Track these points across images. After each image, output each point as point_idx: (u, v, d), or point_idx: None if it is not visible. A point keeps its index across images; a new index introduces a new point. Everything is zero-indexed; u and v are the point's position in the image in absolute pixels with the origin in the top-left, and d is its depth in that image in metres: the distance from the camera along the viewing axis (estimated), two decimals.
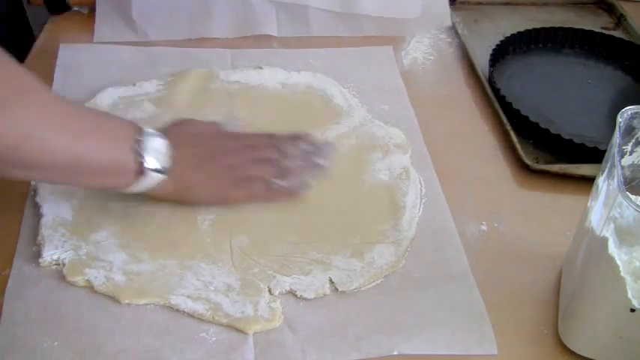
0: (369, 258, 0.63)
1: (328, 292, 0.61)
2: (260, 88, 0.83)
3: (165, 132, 0.63)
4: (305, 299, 0.60)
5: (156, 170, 0.60)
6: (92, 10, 0.94)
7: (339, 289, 0.61)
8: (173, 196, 0.64)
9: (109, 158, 0.58)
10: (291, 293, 0.60)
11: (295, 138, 0.69)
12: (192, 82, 0.82)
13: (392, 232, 0.66)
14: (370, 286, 0.62)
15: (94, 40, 0.90)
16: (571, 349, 0.58)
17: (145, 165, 0.59)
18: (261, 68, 0.86)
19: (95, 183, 0.61)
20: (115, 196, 0.67)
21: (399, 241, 0.65)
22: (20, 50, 0.91)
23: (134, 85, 0.82)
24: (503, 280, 0.64)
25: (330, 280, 0.61)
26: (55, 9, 0.95)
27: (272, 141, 0.68)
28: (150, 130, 0.61)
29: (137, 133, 0.59)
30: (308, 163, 0.68)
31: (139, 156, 0.58)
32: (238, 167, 0.66)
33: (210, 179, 0.64)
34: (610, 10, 1.08)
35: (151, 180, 0.60)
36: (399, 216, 0.68)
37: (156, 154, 0.60)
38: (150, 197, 0.63)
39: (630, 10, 1.06)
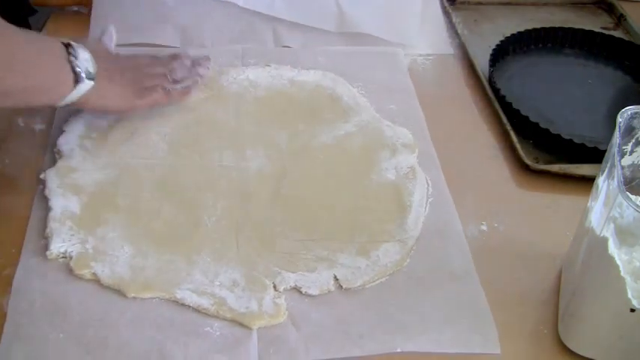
0: (374, 256, 0.63)
1: (333, 289, 0.61)
2: (269, 85, 0.84)
3: None
4: (309, 296, 0.60)
5: (88, 77, 0.67)
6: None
7: (344, 287, 0.61)
8: (89, 105, 0.71)
9: (53, 75, 0.66)
10: (296, 289, 0.61)
11: (175, 56, 0.80)
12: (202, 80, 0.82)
13: (398, 231, 0.66)
14: (375, 284, 0.62)
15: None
16: (571, 349, 0.58)
17: (81, 73, 0.67)
18: (269, 66, 0.86)
19: (37, 101, 0.68)
20: (122, 190, 0.68)
21: (405, 240, 0.65)
22: None
23: None
24: (503, 280, 0.64)
25: (335, 278, 0.62)
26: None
27: (158, 60, 0.79)
28: (75, 43, 0.68)
29: (68, 47, 0.67)
30: (191, 74, 0.79)
31: (76, 67, 0.66)
32: (139, 80, 0.75)
33: (121, 89, 0.73)
34: (610, 10, 1.08)
35: (84, 87, 0.67)
36: (405, 215, 0.68)
37: (86, 63, 0.67)
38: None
39: (630, 10, 1.05)
